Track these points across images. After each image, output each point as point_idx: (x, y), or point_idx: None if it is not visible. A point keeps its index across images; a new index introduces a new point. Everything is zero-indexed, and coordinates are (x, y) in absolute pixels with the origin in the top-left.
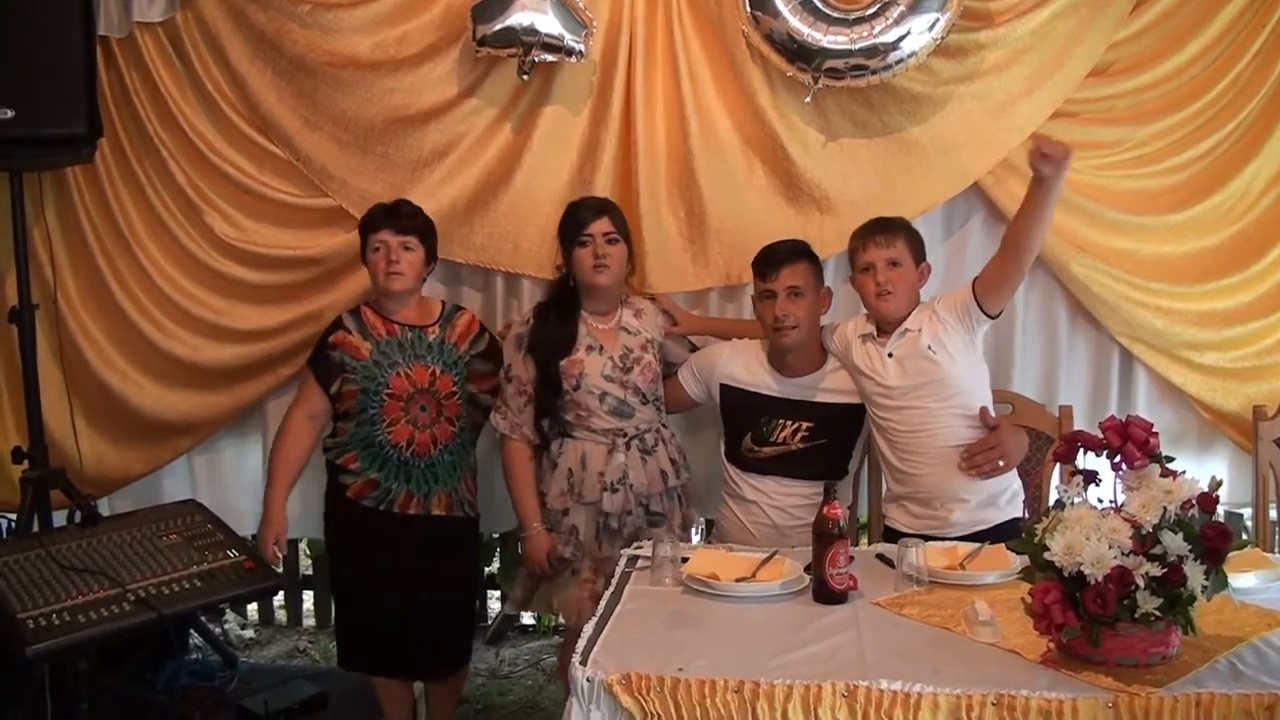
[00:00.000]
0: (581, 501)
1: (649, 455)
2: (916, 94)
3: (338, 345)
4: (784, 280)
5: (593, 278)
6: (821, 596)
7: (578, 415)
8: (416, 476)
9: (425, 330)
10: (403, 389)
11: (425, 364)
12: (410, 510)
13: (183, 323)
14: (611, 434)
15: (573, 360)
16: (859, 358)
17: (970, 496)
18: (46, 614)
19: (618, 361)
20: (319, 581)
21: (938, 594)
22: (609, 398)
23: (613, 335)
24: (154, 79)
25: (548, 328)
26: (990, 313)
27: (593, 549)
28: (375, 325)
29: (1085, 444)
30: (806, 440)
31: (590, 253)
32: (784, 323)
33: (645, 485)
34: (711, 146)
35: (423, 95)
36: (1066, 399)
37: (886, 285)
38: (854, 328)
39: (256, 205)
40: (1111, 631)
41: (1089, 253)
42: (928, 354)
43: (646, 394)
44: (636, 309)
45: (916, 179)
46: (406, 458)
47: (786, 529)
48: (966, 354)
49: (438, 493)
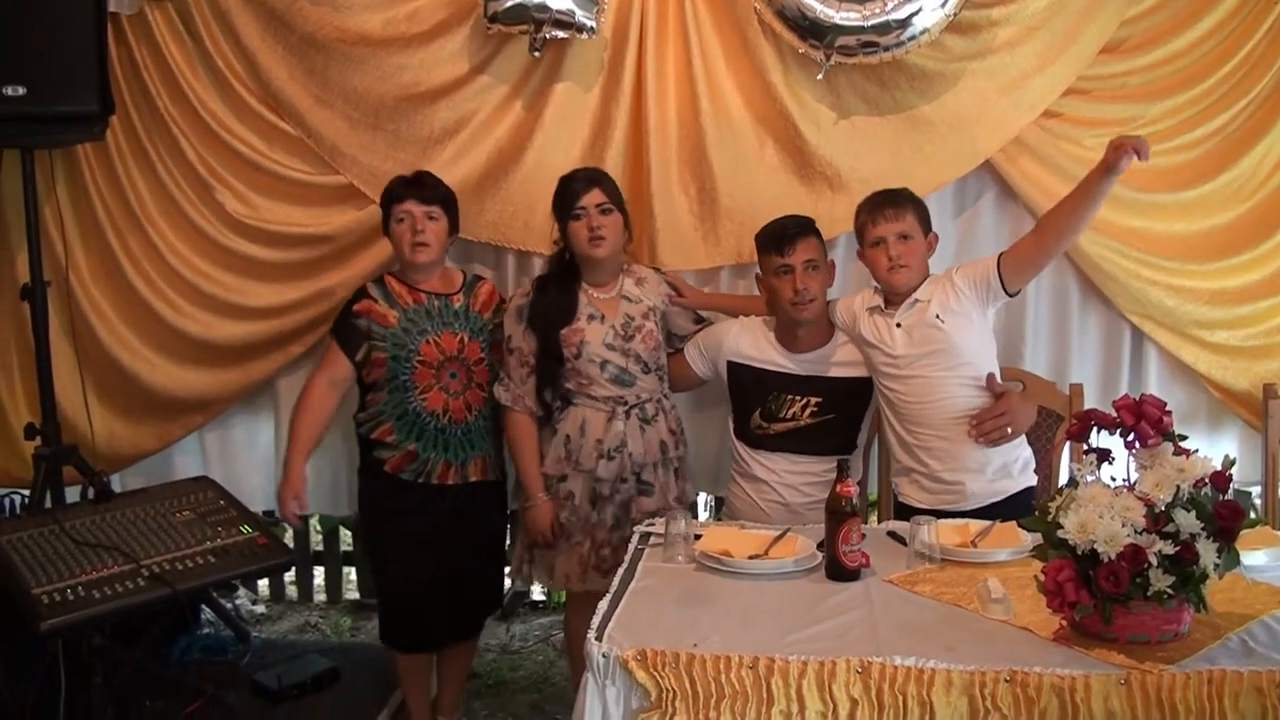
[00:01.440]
0: (579, 469)
1: (648, 425)
2: (928, 71)
3: (364, 313)
4: (801, 254)
5: (589, 250)
6: (834, 574)
7: (579, 383)
8: (454, 445)
9: (451, 298)
10: (433, 356)
11: (453, 331)
12: (449, 480)
13: (194, 300)
14: (612, 401)
15: (573, 329)
16: (867, 329)
17: (981, 466)
18: (60, 589)
19: (619, 329)
20: (330, 557)
21: (950, 571)
22: (610, 366)
23: (614, 304)
24: (165, 56)
25: (547, 298)
26: (1011, 290)
27: (585, 514)
28: (401, 294)
29: (1098, 422)
30: (815, 415)
31: (584, 225)
32: (803, 297)
33: (642, 454)
34: (723, 124)
35: (434, 72)
36: (1078, 378)
37: (900, 259)
38: (861, 301)
39: (268, 182)
40: (1124, 609)
41: (1100, 231)
42: (935, 323)
43: (648, 362)
44: (638, 277)
45: (928, 157)
46: (444, 425)
47: (797, 506)
48: (977, 325)
49: (474, 459)
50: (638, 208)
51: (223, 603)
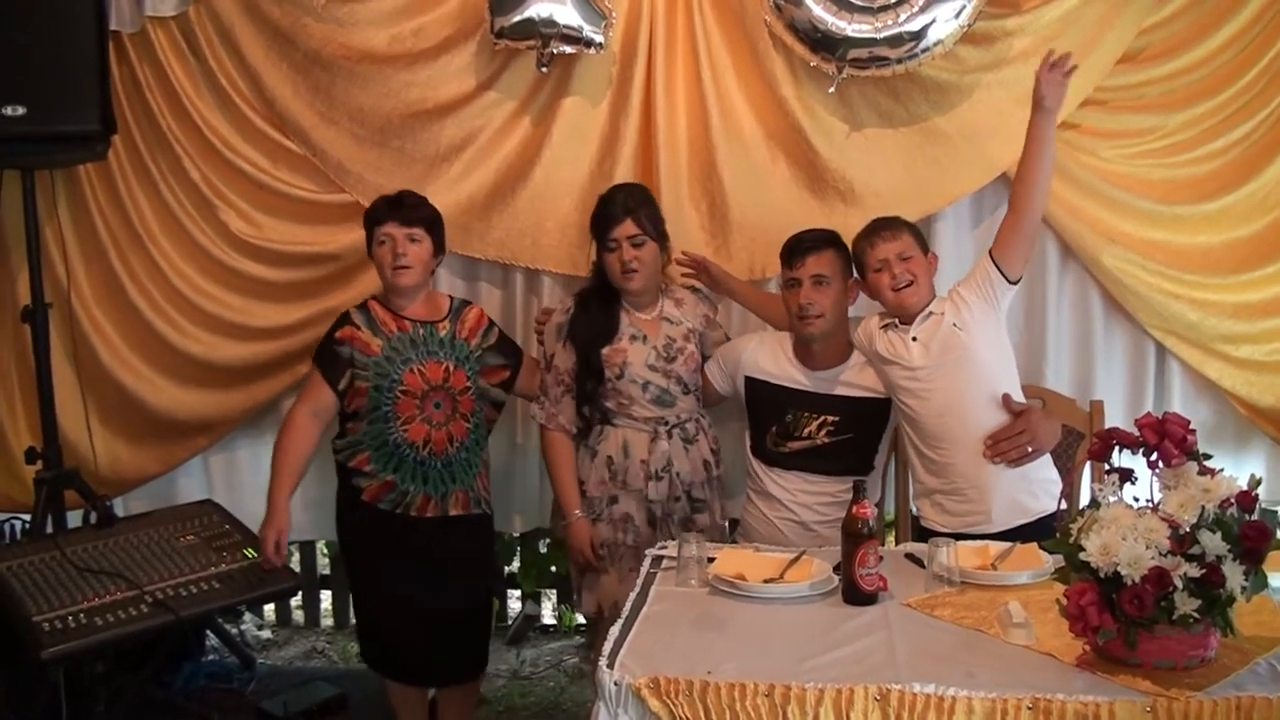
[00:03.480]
0: (627, 489)
1: (691, 444)
2: (942, 83)
3: (346, 340)
4: (809, 268)
5: (623, 284)
6: (851, 597)
7: (619, 403)
8: (434, 478)
9: (436, 326)
10: (417, 386)
11: (438, 360)
12: (428, 513)
13: (198, 321)
14: (654, 422)
15: (616, 349)
16: (882, 346)
17: (1005, 487)
18: (62, 616)
19: (661, 351)
20: (337, 582)
21: (970, 595)
22: (652, 387)
23: (655, 325)
24: (167, 74)
25: (589, 317)
26: (1011, 277)
27: (648, 535)
28: (386, 321)
29: (1121, 441)
30: (832, 435)
31: (616, 259)
32: (808, 311)
33: (689, 472)
34: (733, 138)
35: (440, 89)
36: (1101, 395)
37: (904, 277)
38: (877, 320)
39: (272, 201)
40: (1149, 634)
41: (1120, 244)
42: (952, 330)
43: (689, 383)
44: (677, 298)
45: (943, 169)
46: (423, 457)
47: (813, 525)
48: (993, 334)
49: (455, 492)
50: None
51: (227, 628)
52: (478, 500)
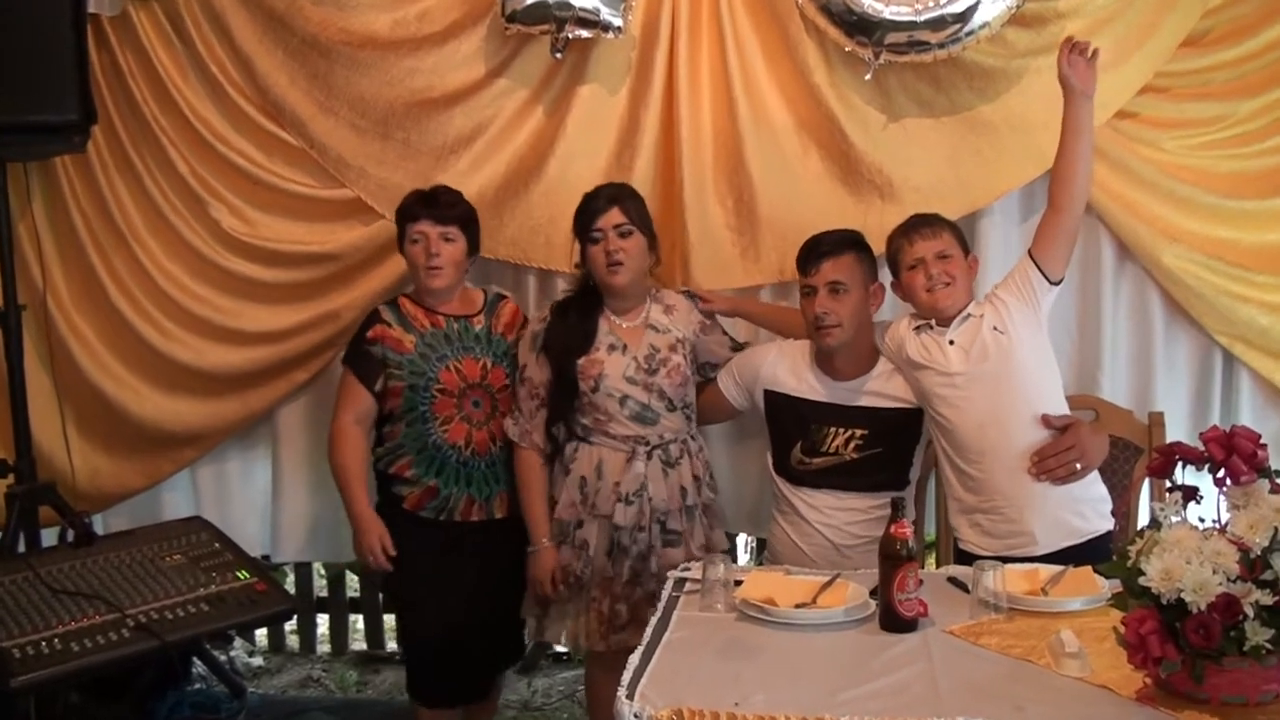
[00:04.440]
0: (595, 513)
1: (671, 468)
2: (988, 69)
3: (378, 339)
4: (825, 274)
5: (608, 278)
6: (889, 624)
7: (595, 419)
8: (478, 479)
9: (471, 320)
10: (453, 384)
11: (475, 356)
12: (473, 517)
13: (186, 324)
14: (632, 441)
15: (591, 359)
16: (914, 350)
17: (1051, 507)
18: (35, 642)
19: (641, 362)
20: (335, 604)
21: (1018, 622)
22: (630, 401)
23: (638, 333)
24: (151, 61)
25: (566, 325)
26: (1052, 277)
27: (602, 566)
28: (417, 317)
29: (1184, 457)
30: (860, 449)
31: (602, 250)
32: (824, 321)
33: (665, 500)
34: (762, 129)
35: (447, 76)
36: (1162, 406)
37: (941, 278)
38: (908, 322)
39: (266, 197)
40: (1217, 666)
41: (1183, 242)
42: (993, 334)
43: (673, 399)
44: (667, 304)
45: (989, 162)
46: (467, 458)
47: (844, 548)
48: (1034, 336)
49: (499, 494)
50: (669, 221)
51: (216, 655)
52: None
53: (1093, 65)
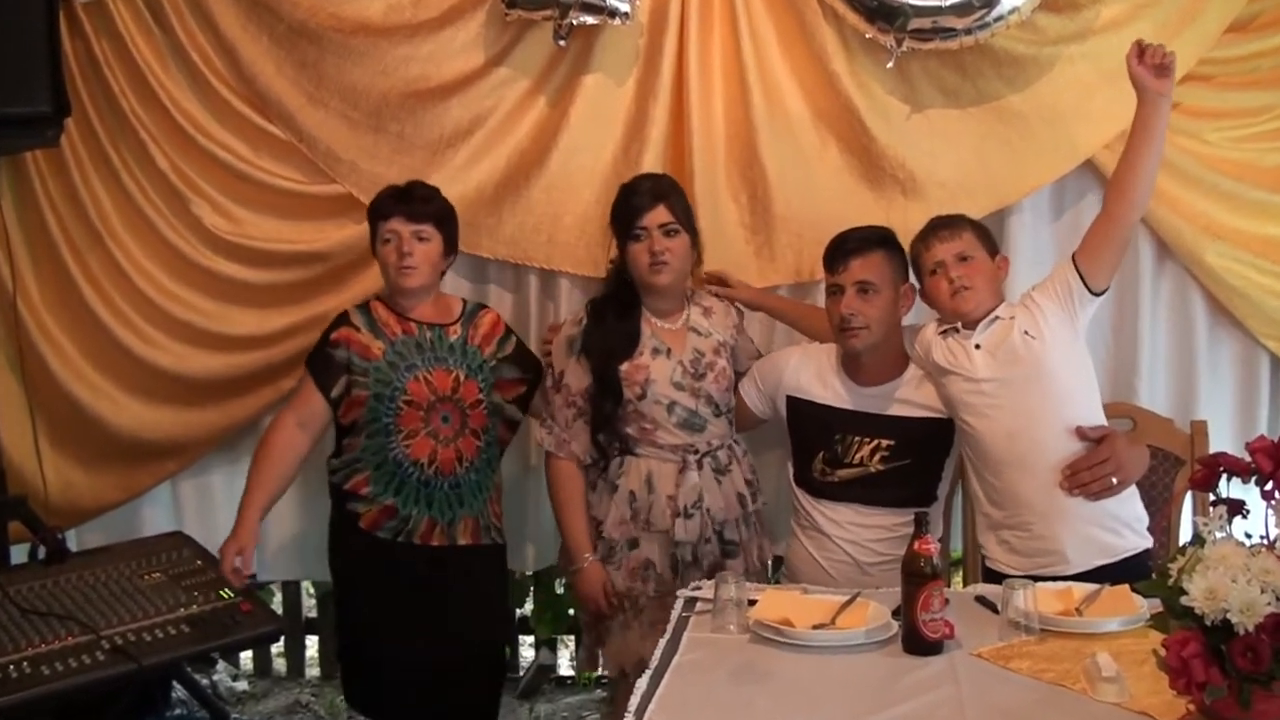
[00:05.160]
0: (650, 529)
1: (723, 475)
2: (1018, 56)
3: (343, 343)
4: (853, 274)
5: (650, 278)
6: (913, 646)
7: (641, 429)
8: (439, 501)
9: (446, 329)
10: (422, 396)
11: (447, 368)
12: (433, 541)
13: (166, 328)
14: (681, 450)
15: (636, 365)
16: (940, 355)
17: (1084, 523)
18: (3, 665)
19: (688, 367)
20: (325, 625)
21: (1051, 644)
22: (678, 408)
23: (681, 336)
24: (129, 49)
25: (605, 328)
26: (1095, 288)
27: (670, 584)
28: (389, 323)
29: (1229, 468)
30: (886, 461)
31: (645, 249)
32: (850, 322)
33: (722, 509)
34: (778, 121)
35: (444, 65)
36: (1205, 415)
37: (962, 281)
38: (934, 326)
39: (252, 193)
40: (1265, 691)
41: (1227, 240)
42: (1024, 338)
43: (720, 404)
44: (705, 306)
45: (1018, 155)
46: (428, 477)
47: (867, 566)
48: (1069, 344)
49: (463, 518)
50: None
51: (197, 679)
52: (488, 528)
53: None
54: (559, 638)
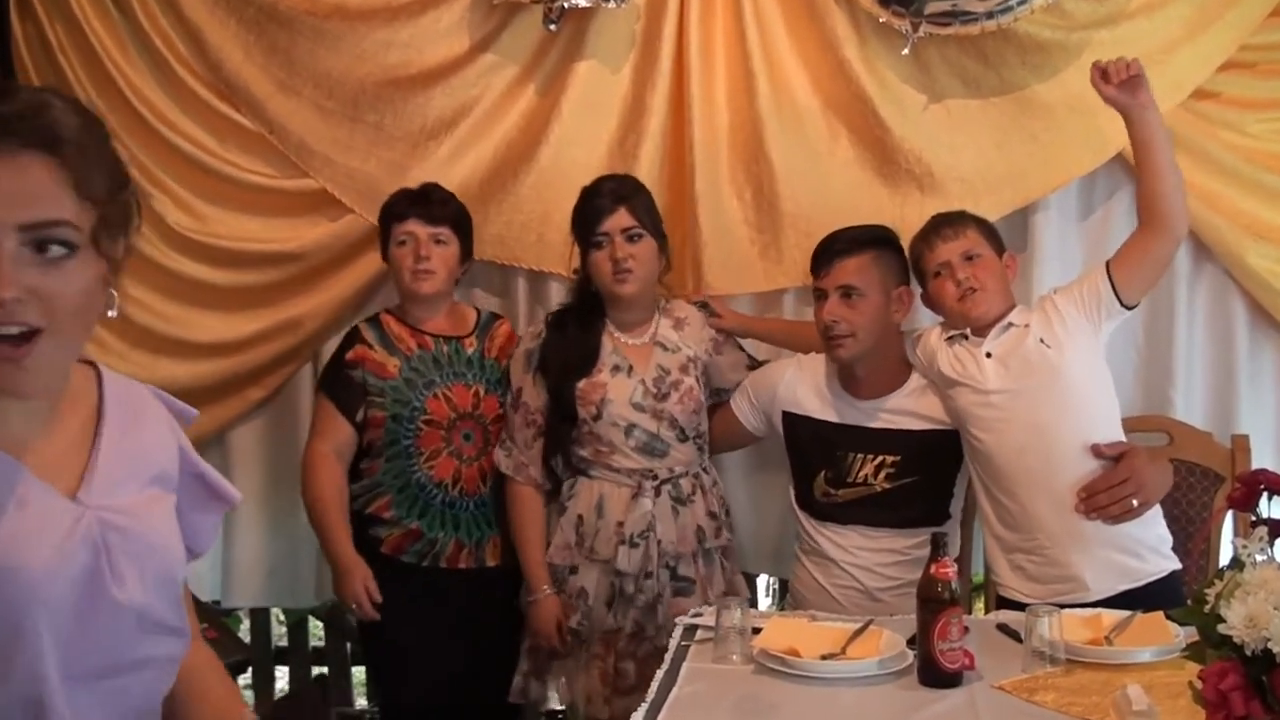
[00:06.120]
0: (593, 558)
1: (683, 505)
2: (1044, 42)
3: (359, 362)
4: (835, 277)
5: (614, 287)
6: (929, 678)
7: (596, 451)
8: (466, 522)
9: (462, 342)
10: (442, 414)
11: (466, 383)
12: (460, 564)
13: (124, 334)
14: (638, 475)
15: (593, 383)
16: (946, 363)
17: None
18: None
19: (650, 386)
20: (296, 653)
21: (1078, 675)
22: (637, 430)
23: (645, 352)
24: (85, 33)
25: (564, 340)
26: (1127, 301)
27: (601, 618)
28: (402, 337)
29: (1271, 486)
30: (892, 478)
31: (607, 256)
32: (834, 330)
33: (674, 543)
34: (785, 111)
35: (425, 51)
36: (1246, 428)
37: (969, 282)
38: (939, 332)
39: (218, 188)
40: None
41: (1270, 240)
42: (1038, 347)
43: (685, 428)
44: (677, 318)
45: (1044, 148)
46: (453, 498)
47: (878, 592)
48: (1089, 355)
49: (491, 539)
50: (678, 217)
51: None
52: (513, 548)
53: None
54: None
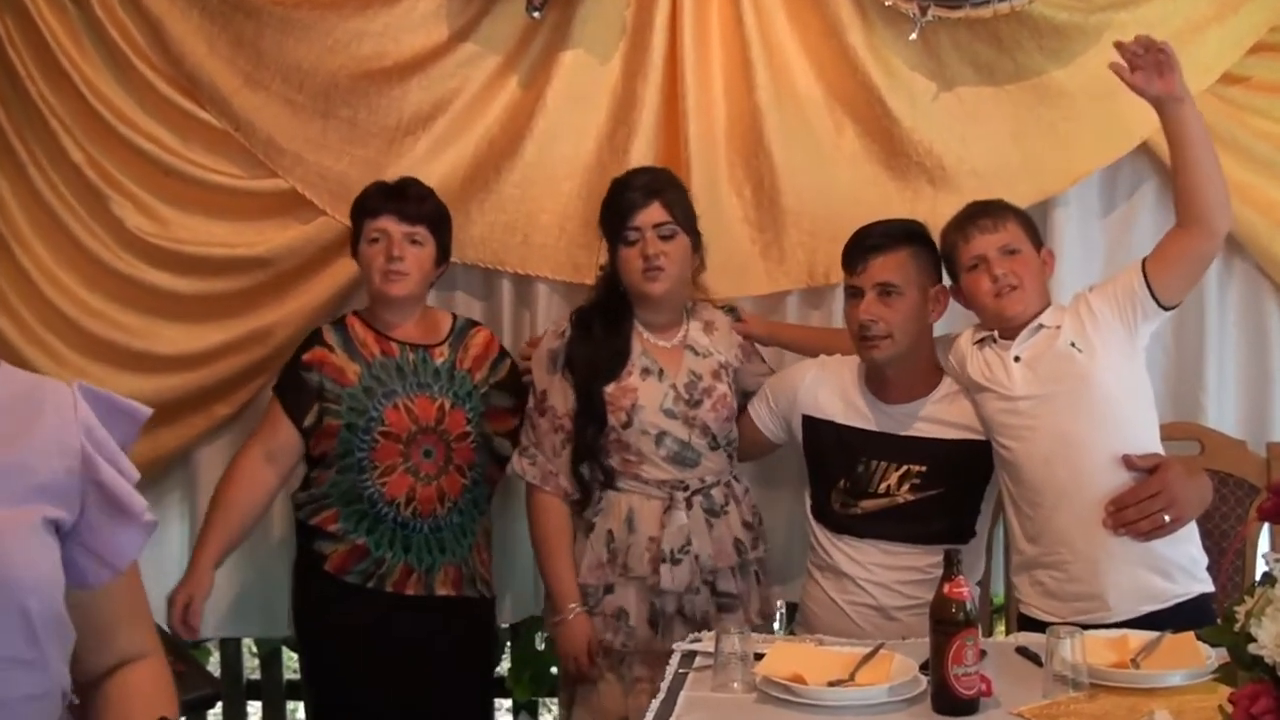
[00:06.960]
0: (629, 575)
1: (716, 517)
2: (1061, 25)
3: (315, 365)
4: (873, 274)
5: (643, 286)
6: (944, 705)
7: (624, 460)
8: (418, 545)
9: (431, 351)
10: (401, 426)
11: (431, 395)
12: (408, 590)
13: (82, 347)
14: (668, 486)
15: (623, 387)
16: (975, 368)
17: (1130, 565)
18: None
19: (682, 391)
20: (270, 687)
21: (1102, 700)
22: (668, 439)
23: (676, 356)
24: (37, 26)
25: (591, 342)
26: (1165, 302)
27: (646, 639)
28: (366, 342)
29: None
30: (917, 489)
31: (638, 253)
32: (870, 330)
33: (711, 556)
34: (786, 102)
35: (401, 41)
36: None
37: (1008, 278)
38: (970, 334)
39: (181, 190)
40: None
41: None
42: (1069, 351)
43: (718, 436)
44: (706, 320)
45: (1063, 139)
46: (405, 518)
47: (893, 610)
48: (1123, 360)
49: (444, 566)
50: None
51: None
52: (473, 579)
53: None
54: (539, 700)
